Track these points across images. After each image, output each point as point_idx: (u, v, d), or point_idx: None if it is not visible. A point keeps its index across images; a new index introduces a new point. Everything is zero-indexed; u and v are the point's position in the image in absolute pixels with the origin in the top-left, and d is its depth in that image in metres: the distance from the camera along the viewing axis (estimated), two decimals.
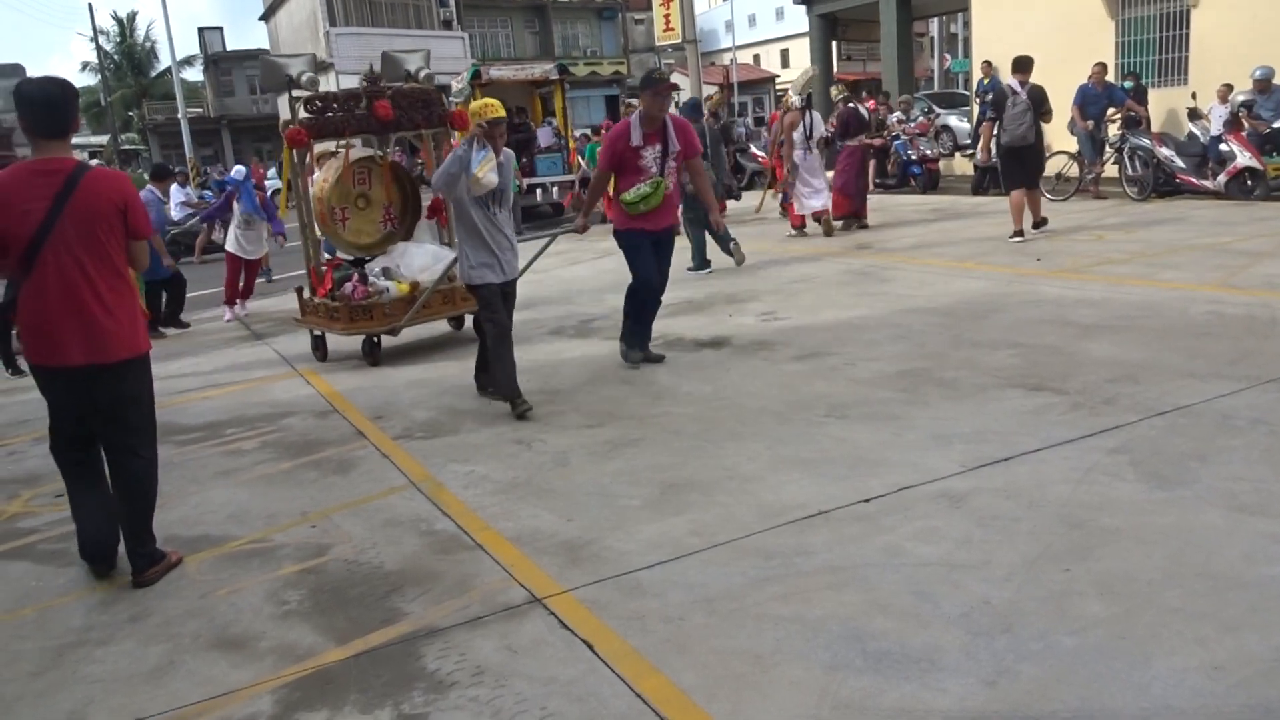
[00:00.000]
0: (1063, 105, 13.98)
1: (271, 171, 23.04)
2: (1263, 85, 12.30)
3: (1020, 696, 2.59)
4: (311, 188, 7.55)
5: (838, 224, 11.99)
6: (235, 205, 10.48)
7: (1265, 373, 5.03)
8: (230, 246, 10.54)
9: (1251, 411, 4.50)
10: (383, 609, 3.45)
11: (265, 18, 43.31)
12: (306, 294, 7.68)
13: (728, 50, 44.41)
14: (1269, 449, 4.07)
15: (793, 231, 12.14)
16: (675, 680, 2.81)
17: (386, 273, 7.43)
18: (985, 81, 16.57)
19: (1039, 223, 10.37)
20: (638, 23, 47.49)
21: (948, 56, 37.39)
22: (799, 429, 4.87)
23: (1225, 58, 13.87)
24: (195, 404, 6.65)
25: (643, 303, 6.31)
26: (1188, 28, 14.91)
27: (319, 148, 7.70)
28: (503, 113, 5.46)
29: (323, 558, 3.94)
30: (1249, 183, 11.56)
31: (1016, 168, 10.15)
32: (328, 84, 37.21)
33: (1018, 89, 10.02)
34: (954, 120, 20.14)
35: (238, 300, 10.63)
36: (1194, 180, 12.06)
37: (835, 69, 27.57)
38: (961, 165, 18.09)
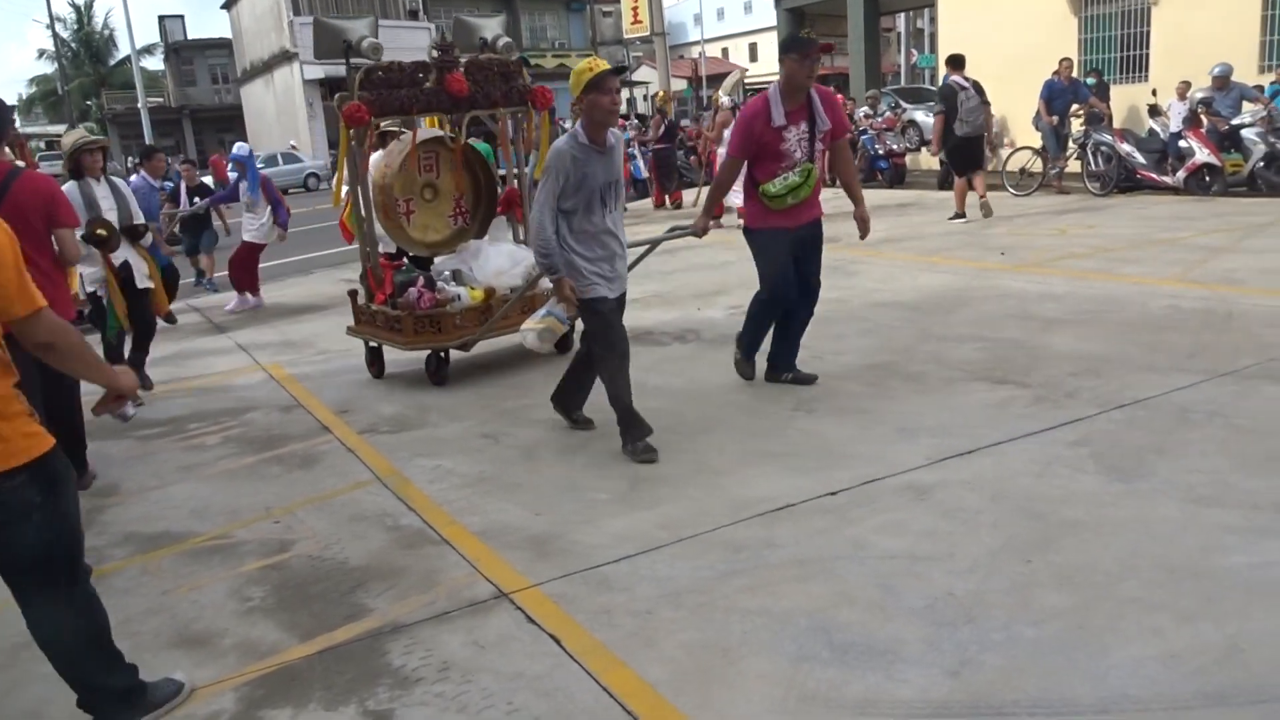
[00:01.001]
0: (1029, 100, 14.17)
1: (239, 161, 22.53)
2: (1221, 82, 12.50)
3: (982, 687, 2.62)
4: (371, 174, 6.55)
5: None
6: (242, 188, 9.89)
7: (1221, 366, 5.12)
8: (253, 236, 9.91)
9: (1209, 405, 4.58)
10: (347, 605, 3.42)
11: (227, 6, 42.71)
12: (362, 299, 6.55)
13: (696, 43, 44.48)
14: (1225, 441, 4.14)
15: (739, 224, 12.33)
16: (643, 674, 2.82)
17: (457, 277, 6.39)
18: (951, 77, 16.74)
19: (986, 202, 11.13)
20: (606, 15, 47.35)
21: (914, 52, 37.65)
22: (767, 422, 4.89)
23: (1185, 55, 14.08)
24: (157, 399, 6.56)
25: (787, 314, 5.35)
26: (1148, 25, 15.13)
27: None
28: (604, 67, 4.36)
29: (286, 554, 3.90)
30: (1207, 179, 11.75)
31: (969, 156, 11.28)
32: (292, 75, 36.76)
33: (964, 84, 10.99)
34: (920, 115, 20.24)
35: (247, 291, 9.97)
36: (1154, 176, 12.23)
37: None
38: (928, 160, 18.24)
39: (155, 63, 49.09)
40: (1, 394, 2.42)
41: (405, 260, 7.26)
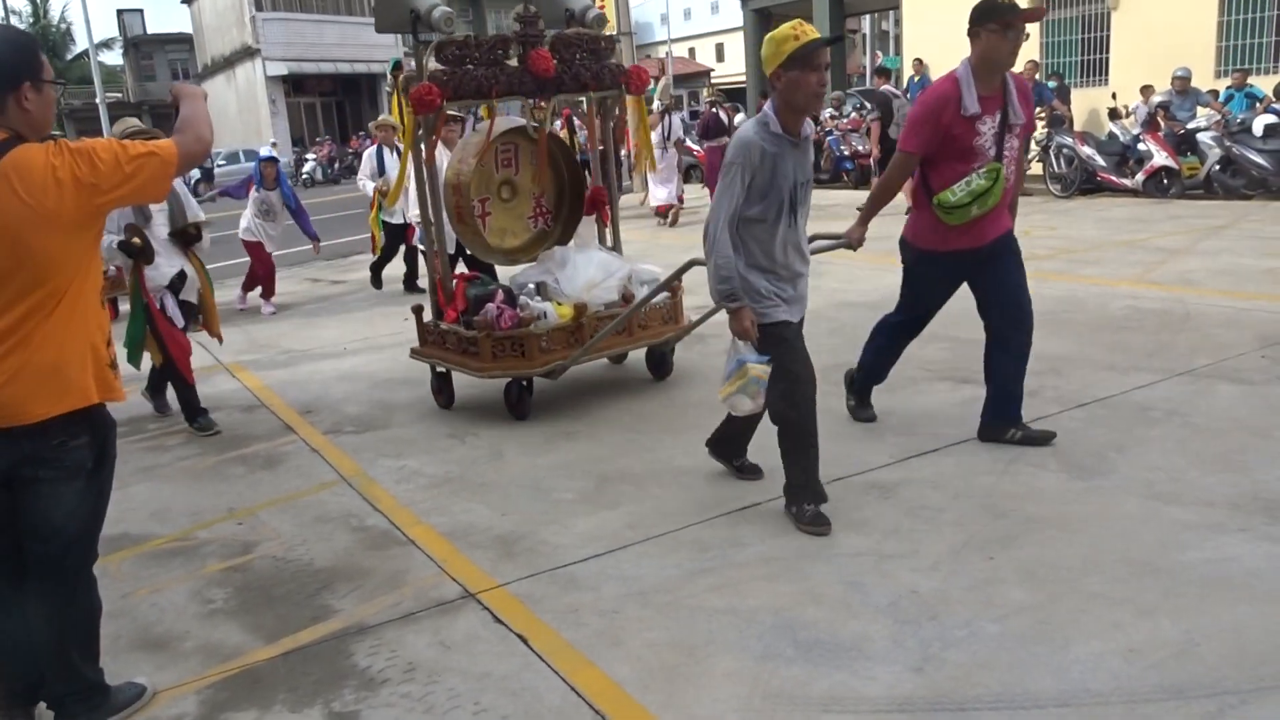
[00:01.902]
0: None
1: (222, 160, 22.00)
2: (1181, 85, 12.73)
3: (946, 683, 2.65)
4: (444, 171, 5.54)
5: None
6: (253, 188, 9.11)
7: (1179, 365, 5.21)
8: (246, 234, 9.10)
9: (1167, 403, 4.66)
10: (312, 606, 3.39)
11: (188, 1, 42.13)
12: (428, 315, 5.62)
13: (663, 43, 44.56)
14: (1183, 439, 4.22)
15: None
16: (610, 673, 2.82)
17: (541, 290, 5.47)
18: (916, 79, 16.88)
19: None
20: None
21: (879, 54, 37.95)
22: None
23: (1144, 60, 14.32)
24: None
25: (998, 345, 4.28)
26: (1108, 30, 15.36)
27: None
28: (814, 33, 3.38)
29: (249, 555, 3.86)
30: (1165, 181, 11.96)
31: None
32: (254, 72, 36.31)
33: (896, 93, 12.60)
34: None
35: (262, 296, 9.33)
36: (1114, 178, 12.43)
37: None
38: None
39: (114, 57, 48.37)
40: (98, 339, 2.56)
41: (479, 272, 6.41)
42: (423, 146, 5.21)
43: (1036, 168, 13.49)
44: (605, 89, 5.61)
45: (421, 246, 7.65)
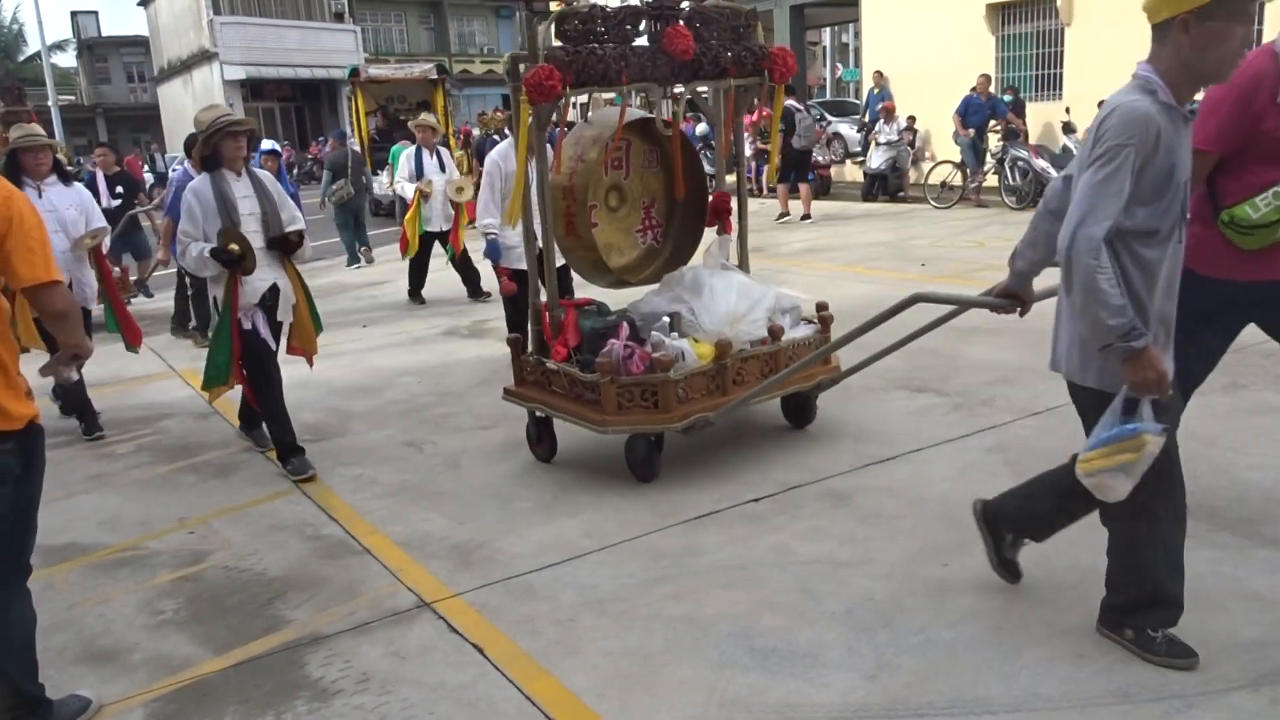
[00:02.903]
0: (949, 115, 14.56)
1: (175, 163, 21.35)
2: None
3: (899, 689, 2.67)
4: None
5: None
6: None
7: None
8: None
9: None
10: (265, 616, 3.34)
11: (144, 3, 41.51)
12: (529, 348, 4.63)
13: None
14: None
15: None
16: (565, 682, 2.81)
17: (675, 325, 4.42)
18: (876, 91, 17.09)
19: (786, 209, 13.11)
20: (536, 22, 47.23)
21: (840, 66, 38.34)
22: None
23: (1097, 75, 14.57)
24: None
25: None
26: (1062, 45, 15.64)
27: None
28: None
29: (201, 565, 3.80)
30: None
31: (801, 165, 13.49)
32: (211, 76, 35.80)
33: (799, 108, 13.48)
34: (845, 128, 20.63)
35: None
36: None
37: None
38: (852, 172, 18.56)
39: (68, 59, 47.51)
40: (7, 363, 2.55)
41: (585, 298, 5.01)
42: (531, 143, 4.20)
43: (992, 180, 13.70)
44: (747, 75, 4.57)
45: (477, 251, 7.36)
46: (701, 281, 4.49)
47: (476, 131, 17.19)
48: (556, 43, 4.08)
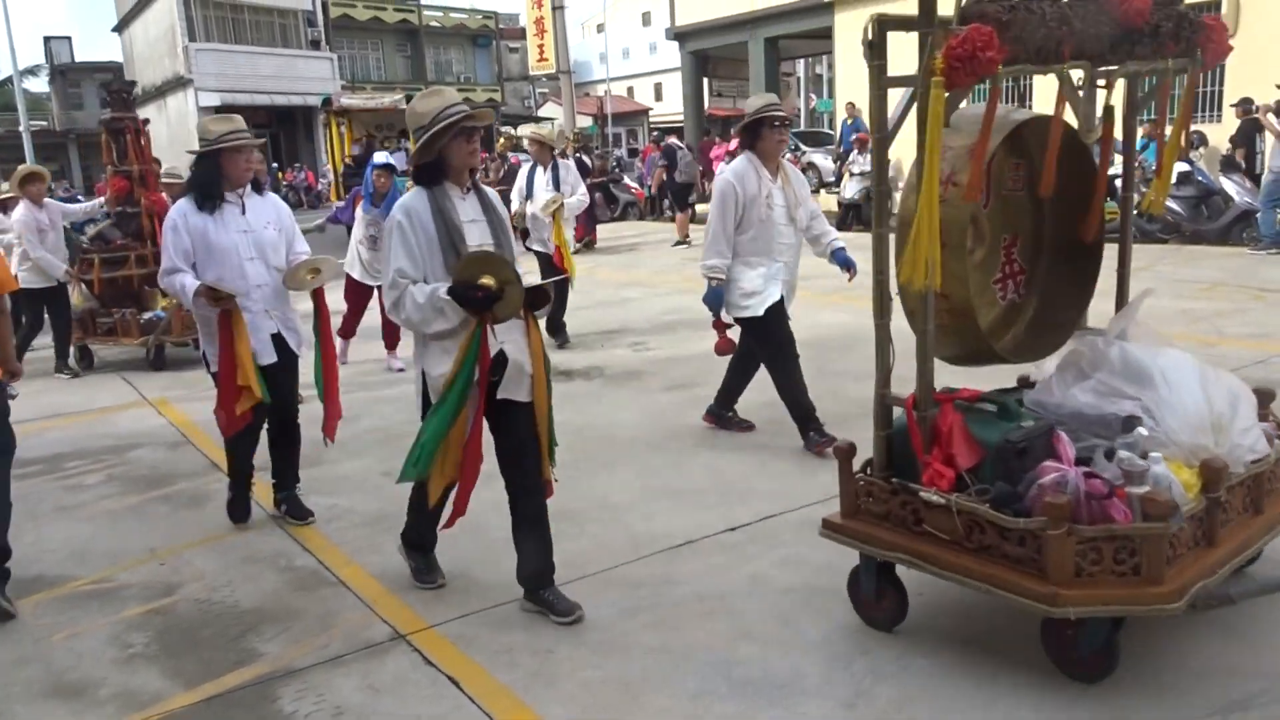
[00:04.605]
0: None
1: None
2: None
3: (876, 717, 2.68)
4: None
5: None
6: (359, 209, 7.40)
7: None
8: (351, 268, 7.39)
9: None
10: (237, 650, 3.30)
11: (119, 29, 41.44)
12: (876, 464, 3.19)
13: (602, 81, 45.00)
14: None
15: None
16: (543, 714, 2.79)
17: (1143, 443, 2.79)
18: (850, 122, 17.32)
19: (686, 239, 14.13)
20: (512, 51, 47.47)
21: (814, 97, 38.83)
22: (670, 458, 4.93)
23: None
24: (32, 435, 6.24)
25: None
26: (1030, 77, 15.93)
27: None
28: None
29: (172, 597, 3.75)
30: None
31: (685, 197, 15.37)
32: (185, 102, 35.68)
33: (680, 146, 16.02)
34: (819, 158, 20.87)
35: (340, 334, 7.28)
36: None
37: (707, 104, 28.20)
38: (825, 201, 18.74)
39: (40, 84, 47.21)
40: None
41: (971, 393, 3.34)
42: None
43: None
44: (1183, 55, 3.26)
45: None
46: (1142, 364, 3.03)
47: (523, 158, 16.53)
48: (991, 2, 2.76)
